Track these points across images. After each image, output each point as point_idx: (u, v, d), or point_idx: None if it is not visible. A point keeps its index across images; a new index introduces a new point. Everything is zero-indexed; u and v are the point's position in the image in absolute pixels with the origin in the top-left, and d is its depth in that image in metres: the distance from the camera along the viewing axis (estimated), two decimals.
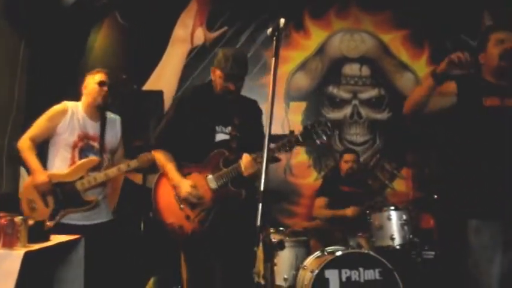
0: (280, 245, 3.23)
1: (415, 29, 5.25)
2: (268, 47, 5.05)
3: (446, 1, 5.05)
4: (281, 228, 3.87)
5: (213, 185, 2.55)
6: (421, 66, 5.24)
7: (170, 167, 2.58)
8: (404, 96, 5.15)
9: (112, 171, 3.00)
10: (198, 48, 5.05)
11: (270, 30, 2.08)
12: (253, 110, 2.75)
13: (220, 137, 2.62)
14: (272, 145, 2.46)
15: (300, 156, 5.02)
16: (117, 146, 3.19)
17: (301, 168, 5.02)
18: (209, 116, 2.62)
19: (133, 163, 3.05)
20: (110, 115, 3.17)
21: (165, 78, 4.96)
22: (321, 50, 5.23)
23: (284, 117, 4.97)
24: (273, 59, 2.00)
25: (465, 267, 2.41)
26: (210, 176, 2.56)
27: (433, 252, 3.90)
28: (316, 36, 5.26)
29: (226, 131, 2.63)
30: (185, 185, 2.52)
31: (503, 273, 2.32)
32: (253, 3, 5.10)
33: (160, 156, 2.64)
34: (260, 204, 1.82)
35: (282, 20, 2.00)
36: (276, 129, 3.35)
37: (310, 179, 4.99)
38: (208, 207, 2.54)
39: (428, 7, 5.12)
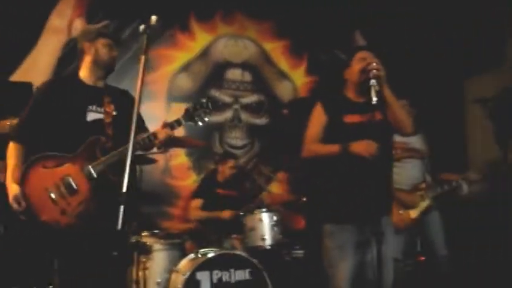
0: (144, 249, 3.16)
1: (295, 41, 5.53)
2: (150, 45, 4.93)
3: (324, 16, 5.38)
4: (155, 231, 3.79)
5: (91, 175, 2.39)
6: (299, 76, 5.54)
7: (11, 164, 2.40)
8: (282, 103, 5.43)
9: None
10: (75, 40, 4.75)
11: (142, 27, 2.04)
12: (125, 99, 2.68)
13: (93, 116, 2.49)
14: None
15: (179, 158, 4.98)
16: None
17: (181, 170, 4.98)
18: (79, 100, 2.49)
19: None
20: None
21: (37, 69, 4.57)
22: (205, 53, 5.25)
23: (165, 117, 4.89)
24: (143, 56, 1.95)
25: (323, 267, 2.62)
26: (86, 166, 2.40)
27: (302, 251, 4.12)
28: (201, 38, 5.27)
29: (101, 110, 2.51)
30: (12, 190, 2.34)
31: (354, 272, 2.54)
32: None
33: (11, 150, 2.45)
34: (122, 207, 1.74)
35: (154, 18, 1.98)
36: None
37: (189, 181, 4.98)
38: (86, 199, 2.38)
39: (308, 21, 5.42)
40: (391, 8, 5.19)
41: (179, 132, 4.81)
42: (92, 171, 2.39)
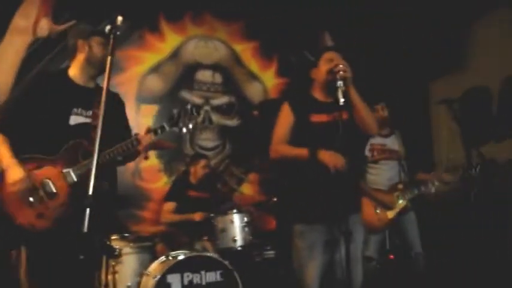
0: (113, 253, 3.12)
1: (265, 42, 5.56)
2: (119, 46, 4.87)
3: (293, 18, 5.42)
4: (125, 234, 3.73)
5: (71, 178, 2.33)
6: (270, 77, 5.57)
7: (2, 150, 2.29)
8: (253, 104, 5.44)
9: None
10: (42, 40, 4.64)
11: (108, 27, 2.01)
12: (115, 101, 2.63)
13: (78, 119, 2.44)
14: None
15: (150, 160, 4.89)
16: None
17: (151, 172, 4.93)
18: (65, 100, 2.44)
19: None
20: None
21: (1, 69, 4.46)
22: (175, 54, 5.23)
23: (134, 119, 4.85)
24: (109, 57, 1.92)
25: (292, 267, 2.64)
26: (67, 169, 2.34)
27: (273, 252, 4.14)
28: (171, 39, 5.24)
29: (88, 114, 2.46)
30: (16, 172, 2.22)
31: (323, 271, 2.57)
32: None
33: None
34: (88, 209, 1.71)
35: (120, 18, 1.95)
36: None
37: (159, 184, 4.93)
38: (66, 203, 2.31)
39: (278, 22, 5.44)
40: (357, 10, 5.27)
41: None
42: (73, 175, 2.34)
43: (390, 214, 3.72)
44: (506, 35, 4.74)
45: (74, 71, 2.53)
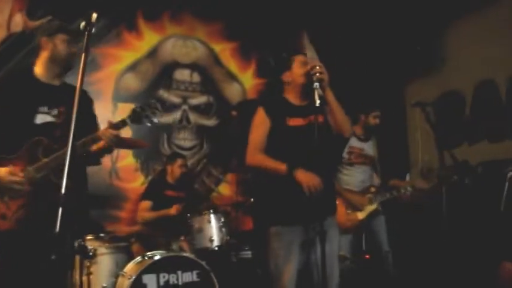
0: (87, 253, 3.08)
1: (244, 43, 5.56)
2: (97, 44, 4.82)
3: (272, 19, 5.44)
4: (101, 234, 3.68)
5: (32, 177, 2.28)
6: (248, 78, 5.58)
7: None
8: (231, 104, 5.44)
9: None
10: (16, 36, 4.56)
11: (82, 24, 1.98)
12: (83, 99, 2.59)
13: (45, 118, 2.40)
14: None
15: (126, 159, 4.88)
16: None
17: (128, 171, 4.88)
18: (30, 99, 2.39)
19: None
20: None
21: None
22: (153, 53, 5.18)
23: (111, 118, 4.77)
24: (83, 54, 1.89)
25: (268, 268, 2.63)
26: (28, 168, 2.29)
27: (250, 252, 4.15)
28: (149, 38, 5.19)
29: (54, 112, 2.42)
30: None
31: (300, 270, 2.57)
32: None
33: None
34: (60, 209, 1.68)
35: (94, 15, 1.93)
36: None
37: (136, 183, 4.89)
38: (28, 203, 2.27)
39: (257, 23, 5.45)
40: (335, 12, 5.33)
41: (126, 132, 4.76)
42: (34, 174, 2.29)
43: (360, 215, 3.79)
44: (479, 39, 4.85)
45: (39, 69, 2.49)
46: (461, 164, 3.65)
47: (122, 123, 2.44)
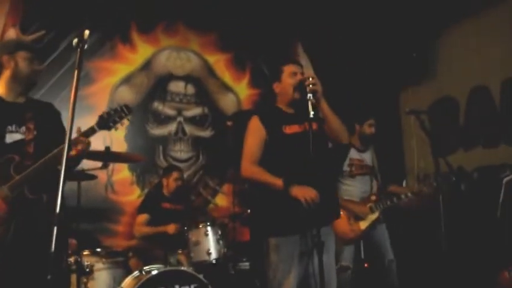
0: (83, 269, 3.05)
1: (238, 53, 5.57)
2: (90, 57, 4.82)
3: (266, 30, 5.45)
4: (98, 250, 3.65)
5: (7, 195, 2.27)
6: (243, 89, 5.58)
7: None
8: (226, 115, 5.43)
9: None
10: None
11: (75, 40, 1.98)
12: (49, 112, 2.58)
13: (14, 136, 2.40)
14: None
15: (122, 172, 4.85)
16: None
17: (124, 185, 4.85)
18: None
19: None
20: None
21: None
22: (147, 65, 5.18)
23: (106, 132, 4.76)
24: (76, 70, 1.89)
25: (267, 279, 2.61)
26: (2, 187, 2.28)
27: (248, 263, 4.12)
28: (143, 50, 5.20)
29: (22, 130, 2.42)
30: None
31: (299, 283, 2.55)
32: (75, 10, 4.80)
33: None
34: (55, 228, 1.66)
35: (87, 32, 1.93)
36: (97, 145, 3.18)
37: (133, 196, 4.86)
38: (5, 221, 2.26)
39: (251, 34, 5.47)
40: (329, 22, 5.36)
41: (120, 146, 4.75)
42: (8, 192, 2.28)
43: (363, 225, 3.78)
44: (473, 45, 4.89)
45: (2, 89, 2.48)
46: (456, 171, 3.66)
47: (91, 131, 2.42)
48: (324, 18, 5.36)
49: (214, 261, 3.65)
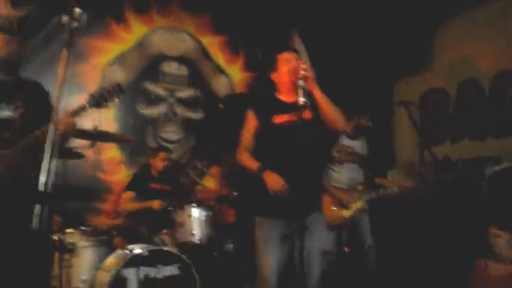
0: (66, 247, 3.07)
1: (232, 36, 5.54)
2: (84, 34, 4.76)
3: (262, 13, 5.42)
4: (82, 228, 3.67)
5: None
6: (236, 72, 5.57)
7: None
8: (219, 98, 5.43)
9: None
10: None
11: (65, 18, 1.97)
12: (38, 91, 2.59)
13: (2, 114, 2.41)
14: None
15: (110, 151, 4.86)
16: None
17: (112, 164, 4.86)
18: None
19: None
20: None
21: None
22: (140, 45, 5.15)
23: (96, 111, 4.74)
24: (65, 50, 1.88)
25: (253, 258, 2.68)
26: None
27: (232, 245, 4.17)
28: (137, 30, 5.16)
29: (10, 108, 2.43)
30: None
31: (281, 265, 2.61)
32: None
33: None
34: (37, 206, 1.68)
35: (78, 10, 1.92)
36: (87, 123, 3.18)
37: (121, 176, 4.87)
38: None
39: (246, 17, 5.44)
40: (326, 12, 5.33)
41: (110, 125, 4.74)
42: None
43: (346, 213, 3.82)
44: (465, 38, 4.90)
45: None
46: (441, 162, 3.70)
47: (82, 109, 2.42)
48: (321, 8, 5.34)
49: (198, 242, 3.69)
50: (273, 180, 2.53)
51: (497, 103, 4.60)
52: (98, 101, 2.42)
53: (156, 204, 4.01)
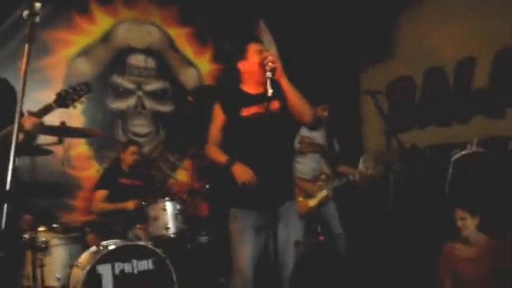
0: (38, 245, 3.02)
1: (200, 28, 5.48)
2: (47, 27, 4.63)
3: (228, 5, 5.39)
4: (53, 225, 3.61)
5: None
6: (204, 64, 5.52)
7: None
8: (187, 90, 5.38)
9: None
10: None
11: (26, 13, 1.92)
12: (4, 87, 2.52)
13: None
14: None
15: (79, 147, 4.76)
16: None
17: (81, 159, 4.76)
18: None
19: None
20: None
21: None
22: (106, 38, 5.03)
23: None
24: (26, 44, 1.84)
25: (228, 250, 2.69)
26: None
27: (206, 238, 4.19)
28: (102, 22, 5.04)
29: None
30: None
31: (256, 256, 2.63)
32: None
33: None
34: (5, 205, 1.64)
35: (38, 4, 1.87)
36: (53, 119, 3.08)
37: (90, 171, 4.78)
38: None
39: (212, 8, 5.40)
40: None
41: (77, 120, 4.65)
42: None
43: (311, 202, 3.94)
44: (429, 26, 5.01)
45: None
46: (408, 149, 3.80)
47: (48, 109, 2.39)
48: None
49: (172, 236, 3.68)
50: (242, 172, 2.56)
51: (461, 89, 4.74)
52: (65, 100, 2.37)
53: (130, 205, 3.97)
